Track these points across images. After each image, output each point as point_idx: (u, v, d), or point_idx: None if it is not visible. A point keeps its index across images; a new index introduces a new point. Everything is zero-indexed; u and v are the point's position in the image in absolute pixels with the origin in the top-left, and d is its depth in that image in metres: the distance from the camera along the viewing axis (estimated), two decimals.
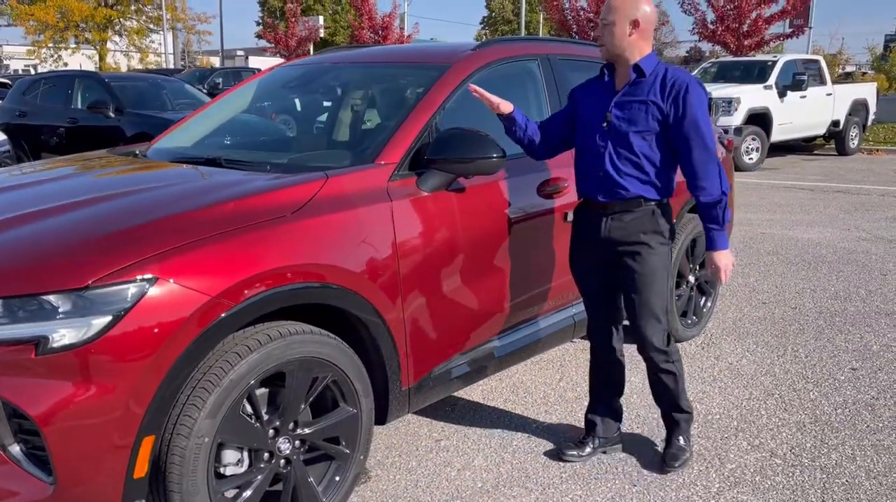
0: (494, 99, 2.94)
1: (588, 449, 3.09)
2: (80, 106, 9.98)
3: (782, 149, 15.70)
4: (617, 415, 3.16)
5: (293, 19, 30.09)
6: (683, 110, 2.67)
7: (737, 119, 12.87)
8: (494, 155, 2.76)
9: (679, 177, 2.89)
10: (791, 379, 3.91)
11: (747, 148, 13.18)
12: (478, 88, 2.94)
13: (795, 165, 13.96)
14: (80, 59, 37.79)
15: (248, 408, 2.29)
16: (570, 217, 3.33)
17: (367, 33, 26.61)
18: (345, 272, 2.42)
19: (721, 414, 3.50)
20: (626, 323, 2.99)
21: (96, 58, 37.30)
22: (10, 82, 13.88)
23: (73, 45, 37.04)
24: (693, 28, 21.35)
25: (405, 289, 2.65)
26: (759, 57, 15.50)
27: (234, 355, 2.18)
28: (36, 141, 10.11)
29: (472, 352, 3.04)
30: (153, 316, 1.98)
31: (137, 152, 3.48)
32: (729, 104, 12.87)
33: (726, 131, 12.76)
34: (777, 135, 13.73)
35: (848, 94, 15.32)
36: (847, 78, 31.90)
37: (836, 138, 15.42)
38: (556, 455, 3.09)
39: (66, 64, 36.81)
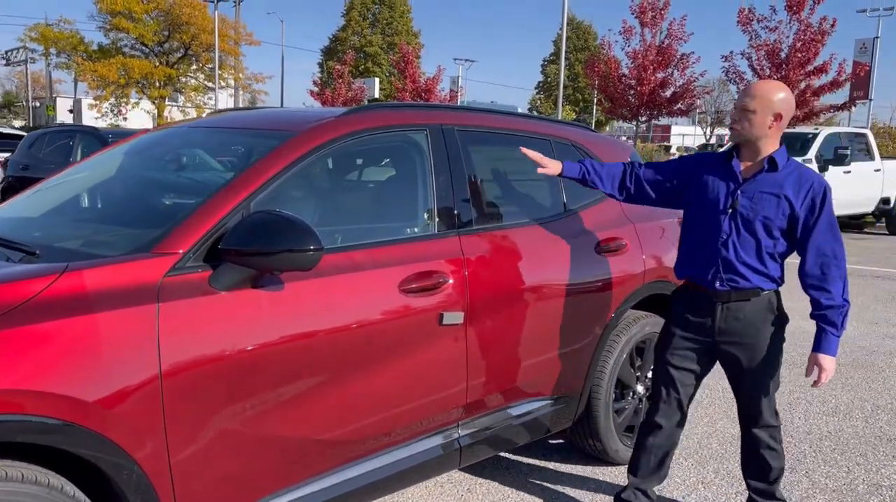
0: (543, 161, 3.04)
1: None
2: (78, 160, 9.86)
3: None
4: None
5: (340, 80, 30.49)
6: (820, 214, 2.70)
7: None
8: (310, 247, 2.20)
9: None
10: None
11: None
12: (527, 150, 3.06)
13: None
14: (140, 115, 39.15)
15: None
16: (448, 319, 2.74)
17: (409, 95, 26.67)
18: (59, 399, 1.85)
19: None
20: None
21: (155, 113, 38.53)
22: (24, 134, 14.07)
23: (134, 101, 38.36)
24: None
25: (172, 420, 2.06)
26: (800, 129, 14.67)
27: None
28: None
29: (295, 490, 2.41)
30: None
31: None
32: None
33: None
34: None
35: None
36: None
37: (886, 216, 14.37)
38: None
39: (125, 118, 38.15)
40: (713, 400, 4.68)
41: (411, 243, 2.78)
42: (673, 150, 38.67)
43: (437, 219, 2.85)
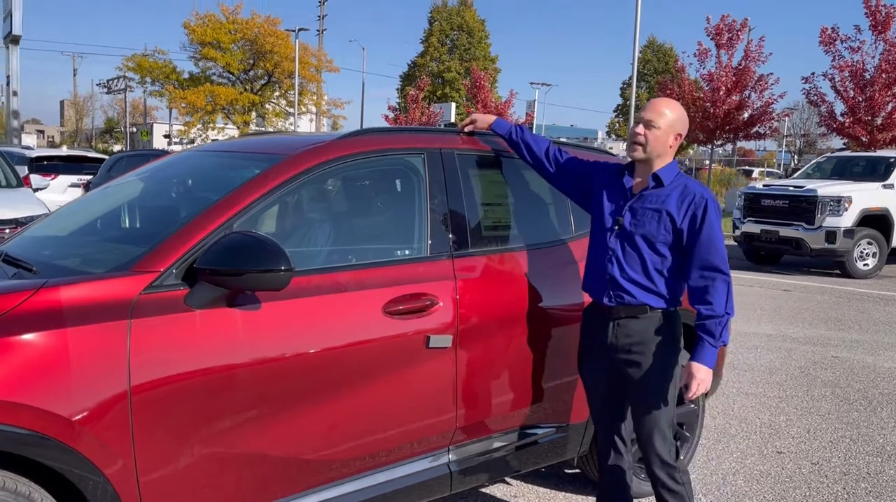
0: (477, 118, 3.15)
1: None
2: None
3: None
4: None
5: (414, 105, 31.01)
6: (701, 226, 2.67)
7: (847, 220, 11.49)
8: (281, 267, 2.24)
9: None
10: None
11: (861, 253, 11.72)
12: (468, 123, 3.14)
13: None
14: (224, 138, 40.78)
15: None
16: (435, 343, 2.74)
17: None
18: (29, 410, 1.93)
19: None
20: None
21: (238, 137, 40.06)
22: (106, 158, 14.85)
23: (220, 126, 40.01)
24: (820, 120, 19.92)
25: (141, 435, 2.12)
26: (882, 152, 13.97)
27: None
28: None
29: None
30: None
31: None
32: (838, 203, 11.54)
33: (832, 232, 11.44)
34: None
35: None
36: None
37: None
38: None
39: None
40: (748, 435, 4.47)
41: (401, 265, 2.79)
42: (754, 175, 37.45)
43: (429, 242, 2.86)
